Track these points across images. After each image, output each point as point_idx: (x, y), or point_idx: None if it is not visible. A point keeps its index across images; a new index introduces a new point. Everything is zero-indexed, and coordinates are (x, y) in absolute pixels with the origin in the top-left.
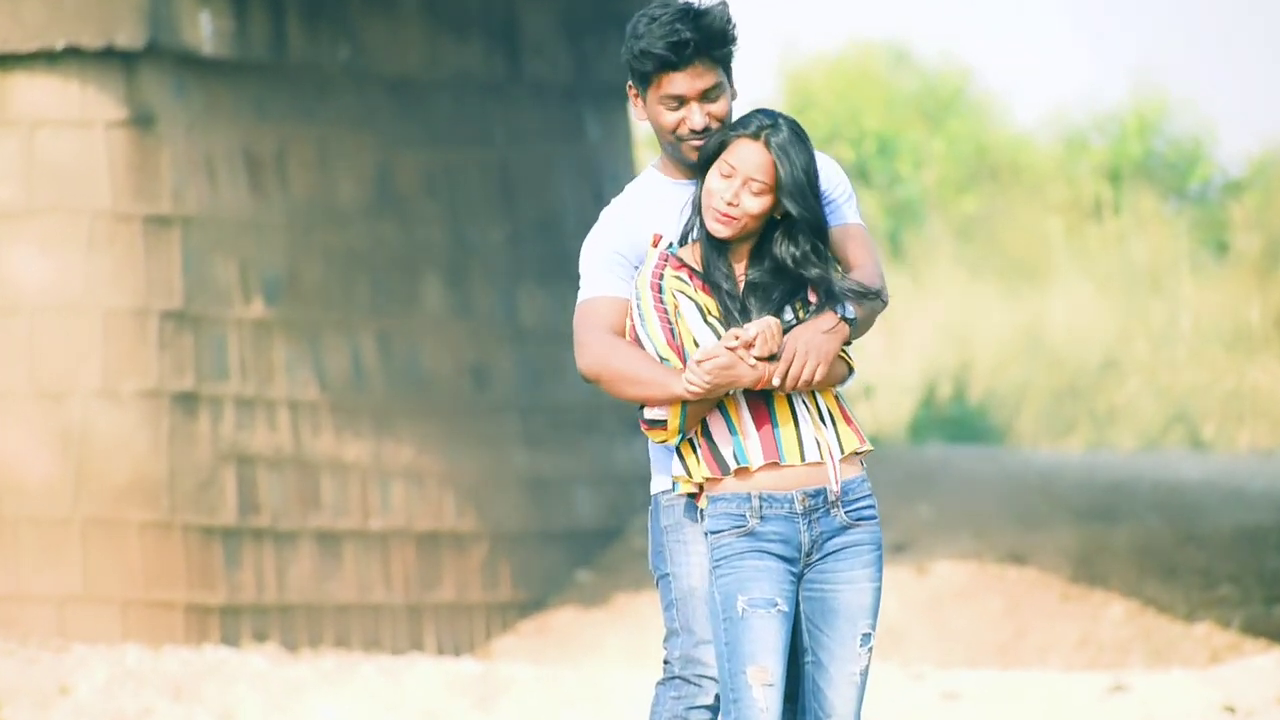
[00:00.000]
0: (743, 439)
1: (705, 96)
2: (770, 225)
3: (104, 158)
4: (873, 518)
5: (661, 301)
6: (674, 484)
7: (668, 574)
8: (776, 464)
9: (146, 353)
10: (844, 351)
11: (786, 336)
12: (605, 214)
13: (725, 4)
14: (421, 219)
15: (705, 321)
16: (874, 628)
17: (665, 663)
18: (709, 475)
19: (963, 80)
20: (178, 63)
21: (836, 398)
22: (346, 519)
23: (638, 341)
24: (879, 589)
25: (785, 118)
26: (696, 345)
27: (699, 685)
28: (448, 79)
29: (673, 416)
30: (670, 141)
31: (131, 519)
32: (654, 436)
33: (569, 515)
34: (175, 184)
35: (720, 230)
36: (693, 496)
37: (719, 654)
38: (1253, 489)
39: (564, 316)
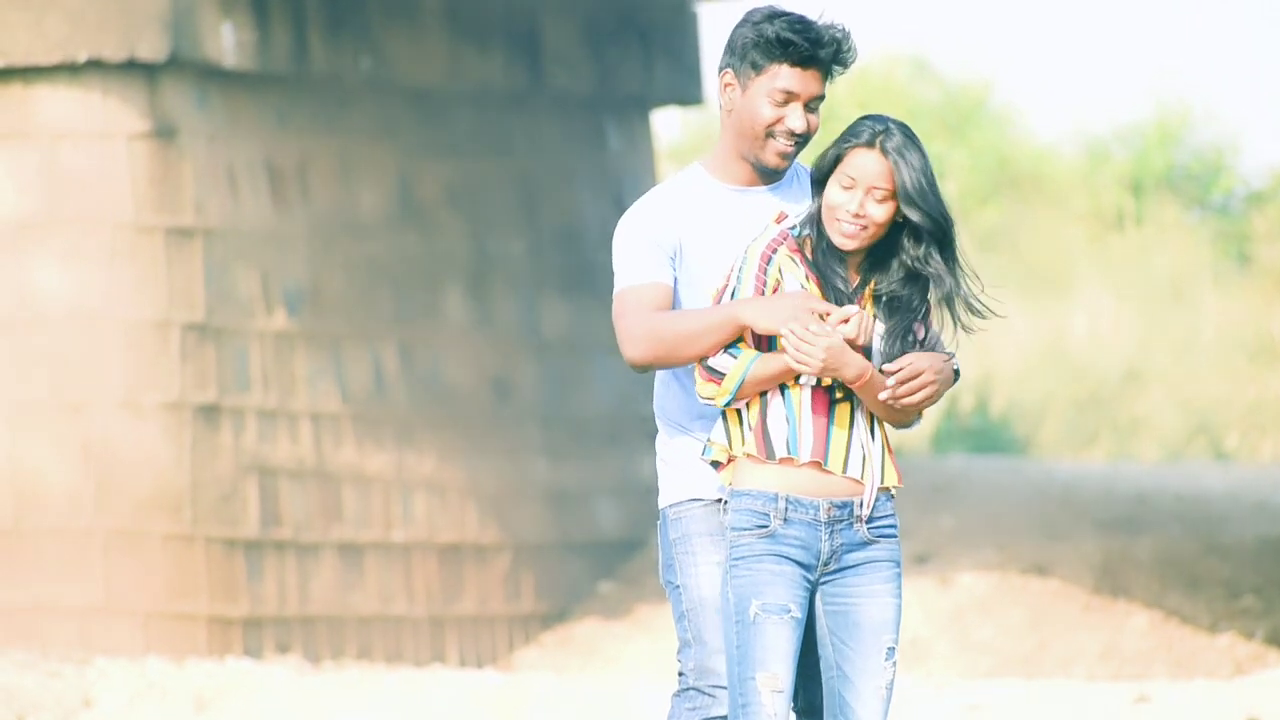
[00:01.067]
0: (798, 430)
1: (810, 104)
2: (893, 231)
3: (126, 169)
4: (893, 535)
5: (765, 274)
6: (706, 448)
7: (679, 585)
8: (819, 465)
9: (168, 365)
10: None
11: (915, 355)
12: (643, 202)
13: (850, 32)
14: (443, 230)
15: None
16: (897, 642)
17: (680, 674)
18: (752, 453)
19: (985, 91)
20: (200, 74)
21: (885, 431)
22: (368, 531)
23: (723, 296)
24: (900, 605)
25: (895, 121)
26: None
27: (713, 696)
28: (469, 90)
29: (732, 374)
30: (757, 136)
31: (154, 531)
32: (703, 391)
33: (591, 526)
34: (197, 195)
35: (849, 244)
36: (715, 465)
37: (729, 657)
38: (1276, 500)
39: (586, 327)
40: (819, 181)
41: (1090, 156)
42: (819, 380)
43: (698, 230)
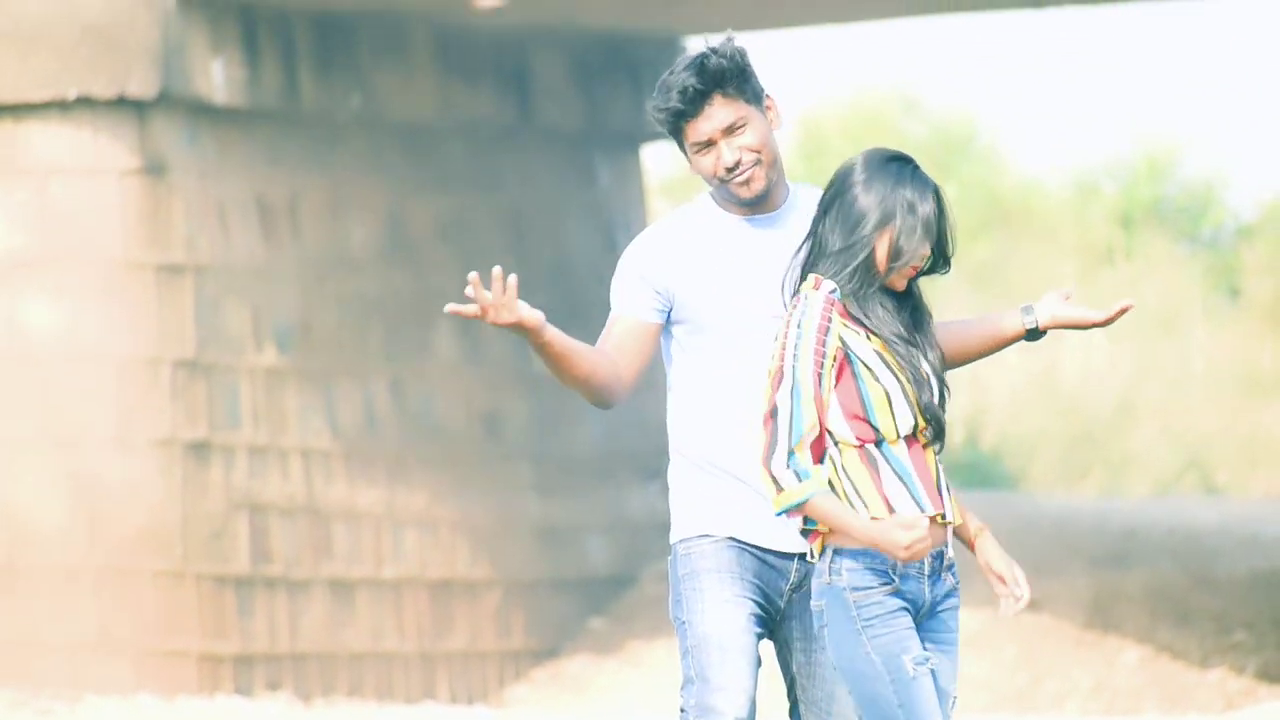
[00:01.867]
0: (916, 487)
1: (729, 132)
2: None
3: (117, 206)
4: (957, 584)
5: (824, 345)
6: (809, 519)
7: (684, 621)
8: (938, 519)
9: (159, 401)
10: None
11: (1019, 576)
12: (647, 234)
13: (731, 39)
14: (433, 265)
15: (895, 375)
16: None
17: (681, 710)
18: (879, 517)
19: (973, 126)
20: (190, 111)
21: None
22: (359, 567)
23: (782, 376)
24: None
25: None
26: (889, 399)
27: None
28: (459, 125)
29: (789, 495)
30: (718, 186)
31: (144, 568)
32: (763, 488)
33: (582, 563)
34: (188, 232)
35: (903, 284)
36: (807, 533)
37: (887, 717)
38: (1267, 534)
39: None
40: (855, 232)
41: (1079, 191)
42: (914, 431)
43: (698, 261)
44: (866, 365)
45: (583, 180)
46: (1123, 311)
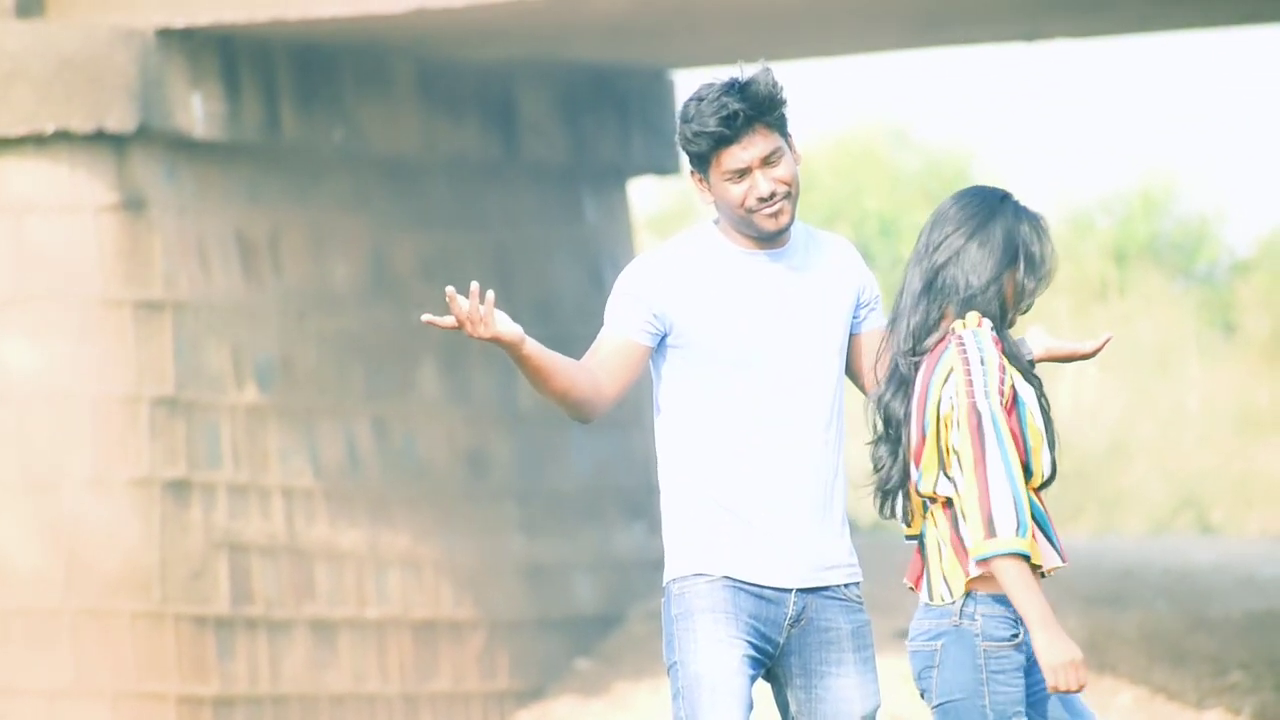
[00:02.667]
0: (1055, 536)
1: (766, 162)
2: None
3: (94, 243)
4: None
5: (1004, 383)
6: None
7: (676, 662)
8: (1052, 571)
9: (138, 440)
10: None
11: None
12: (648, 257)
13: (769, 69)
14: (417, 302)
15: (1045, 419)
16: None
17: None
18: (1047, 564)
19: (967, 160)
20: (169, 146)
21: None
22: (342, 608)
23: (978, 414)
24: None
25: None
26: (1044, 442)
27: None
28: (443, 161)
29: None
30: (741, 216)
31: (123, 609)
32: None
33: (568, 603)
34: (167, 269)
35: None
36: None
37: None
38: (1263, 574)
39: None
40: (988, 272)
41: (1073, 226)
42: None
43: (703, 290)
44: (1030, 408)
45: (569, 215)
46: (1106, 342)
